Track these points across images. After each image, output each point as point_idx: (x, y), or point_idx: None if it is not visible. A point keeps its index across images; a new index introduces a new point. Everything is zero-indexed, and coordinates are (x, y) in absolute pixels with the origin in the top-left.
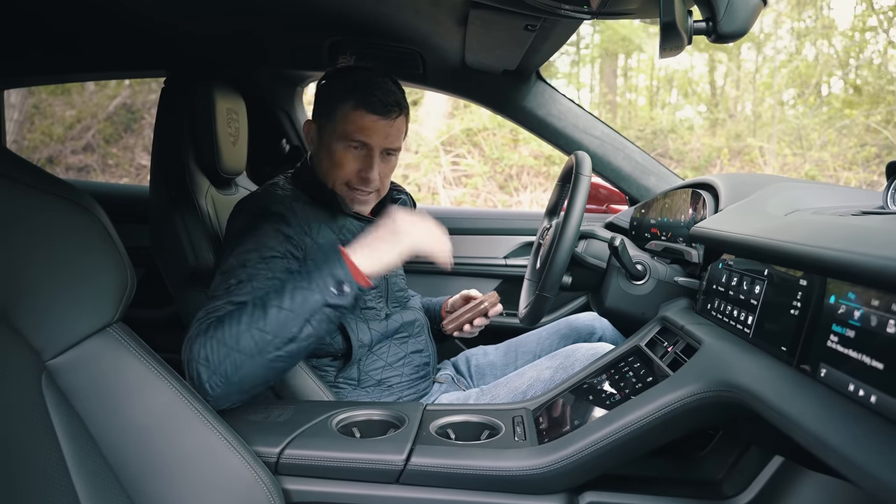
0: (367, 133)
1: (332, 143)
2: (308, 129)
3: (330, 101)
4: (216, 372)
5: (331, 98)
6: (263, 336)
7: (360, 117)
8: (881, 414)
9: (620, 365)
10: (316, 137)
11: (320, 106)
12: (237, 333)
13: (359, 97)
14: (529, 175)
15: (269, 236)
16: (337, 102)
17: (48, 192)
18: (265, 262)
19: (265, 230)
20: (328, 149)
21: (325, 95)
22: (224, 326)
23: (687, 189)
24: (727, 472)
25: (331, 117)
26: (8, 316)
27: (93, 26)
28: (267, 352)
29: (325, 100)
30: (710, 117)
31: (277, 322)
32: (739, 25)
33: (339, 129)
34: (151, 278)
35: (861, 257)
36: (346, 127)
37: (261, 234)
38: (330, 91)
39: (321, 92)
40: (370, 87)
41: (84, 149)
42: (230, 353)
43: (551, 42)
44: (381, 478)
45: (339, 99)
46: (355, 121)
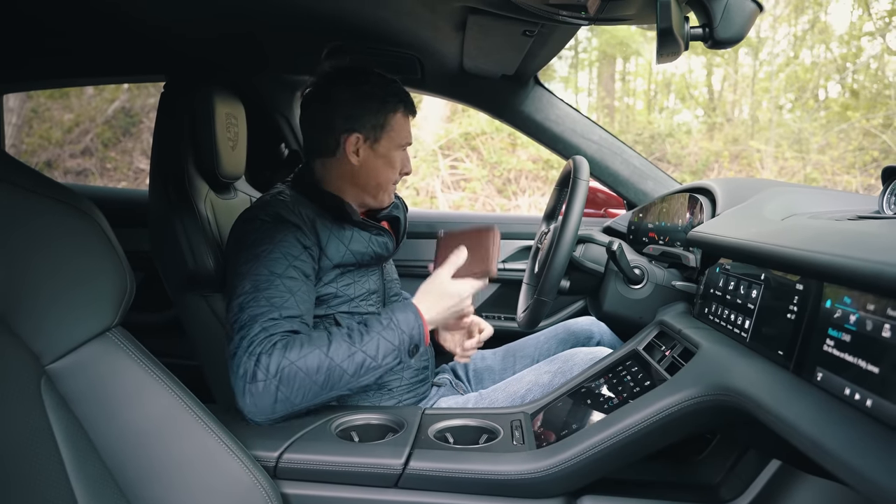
0: (410, 135)
1: (389, 150)
2: (351, 143)
3: (381, 112)
4: (288, 396)
5: (383, 108)
6: (342, 374)
7: (408, 122)
8: (877, 418)
9: (618, 369)
10: (364, 149)
11: (367, 118)
12: (317, 363)
13: (405, 105)
14: (528, 179)
15: (291, 245)
16: (389, 112)
17: (47, 196)
18: (296, 271)
19: (286, 238)
20: (387, 157)
21: (373, 108)
22: (301, 350)
23: (684, 193)
24: (724, 476)
25: (386, 127)
26: (7, 320)
27: (92, 31)
28: (337, 387)
29: (376, 111)
30: (707, 121)
31: (356, 364)
32: (736, 31)
33: (396, 136)
34: (150, 282)
35: (857, 262)
36: (401, 133)
37: (282, 242)
38: (379, 102)
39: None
40: (406, 94)
41: (82, 153)
42: (306, 379)
43: (549, 47)
44: (379, 482)
45: (393, 109)
46: (405, 126)
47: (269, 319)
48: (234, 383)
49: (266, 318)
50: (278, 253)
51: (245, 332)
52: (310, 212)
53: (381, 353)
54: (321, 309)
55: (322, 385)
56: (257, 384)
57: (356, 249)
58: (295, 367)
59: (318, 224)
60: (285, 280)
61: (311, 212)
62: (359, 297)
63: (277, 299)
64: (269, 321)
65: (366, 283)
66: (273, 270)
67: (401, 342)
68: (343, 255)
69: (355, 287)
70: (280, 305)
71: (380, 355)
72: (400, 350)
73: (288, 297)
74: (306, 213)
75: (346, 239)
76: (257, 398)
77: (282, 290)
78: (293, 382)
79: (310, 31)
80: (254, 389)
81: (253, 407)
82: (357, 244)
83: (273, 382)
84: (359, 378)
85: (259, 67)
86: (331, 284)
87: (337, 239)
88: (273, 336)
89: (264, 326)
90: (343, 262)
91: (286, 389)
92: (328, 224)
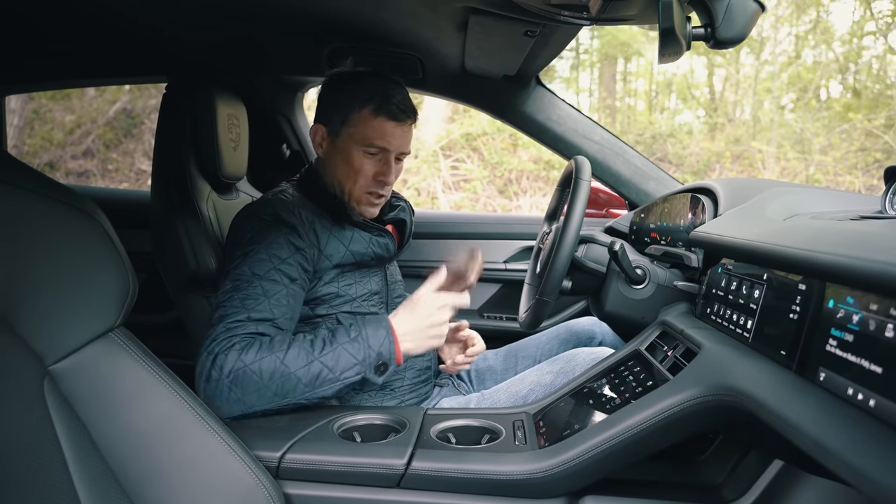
0: (386, 139)
1: (349, 148)
2: (316, 134)
3: (346, 107)
4: (241, 398)
5: (349, 103)
6: (296, 383)
7: (381, 123)
8: (880, 418)
9: (620, 369)
10: (327, 142)
11: (332, 111)
12: (271, 369)
13: (379, 103)
14: (529, 179)
15: (280, 247)
16: (355, 108)
17: (50, 198)
18: (279, 274)
19: (277, 239)
20: (344, 154)
21: (339, 100)
22: (257, 354)
23: (686, 194)
24: (727, 477)
25: (347, 122)
26: (10, 321)
27: (95, 33)
28: (291, 395)
29: (340, 104)
30: (709, 122)
31: (312, 374)
32: (738, 31)
33: (358, 134)
34: (152, 283)
35: (859, 262)
36: (366, 133)
37: (272, 244)
38: (347, 96)
39: (332, 96)
40: (388, 93)
41: (84, 154)
42: (259, 383)
43: (551, 47)
44: (382, 482)
45: (358, 105)
46: (376, 127)
47: (234, 321)
48: (195, 380)
49: (232, 319)
50: (265, 254)
51: (210, 331)
52: (309, 212)
53: (340, 365)
54: (323, 308)
55: (276, 391)
56: (211, 383)
57: (356, 250)
58: (248, 370)
59: (318, 225)
60: (264, 282)
61: (310, 212)
62: (360, 297)
63: (251, 301)
64: (235, 322)
65: (367, 283)
66: (255, 271)
67: (366, 357)
68: (343, 255)
69: (357, 287)
70: (252, 307)
71: (338, 368)
72: (364, 365)
73: (262, 299)
74: (306, 213)
75: (346, 239)
76: (212, 397)
77: (258, 292)
78: (246, 385)
79: (311, 33)
80: (208, 388)
81: (211, 404)
82: (357, 244)
83: (225, 382)
84: (314, 389)
85: (261, 69)
86: (332, 284)
87: (337, 239)
88: (233, 337)
89: (228, 327)
90: (343, 263)
91: (239, 391)
92: (328, 224)
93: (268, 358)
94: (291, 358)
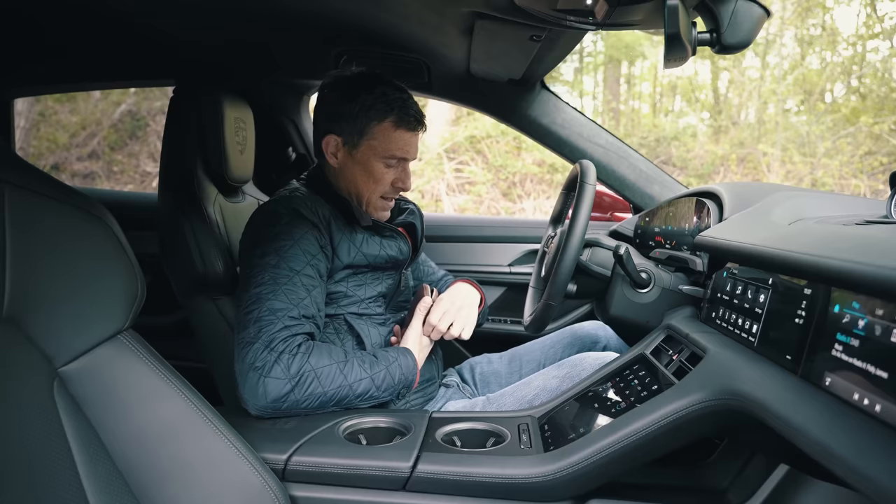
0: (405, 149)
1: (369, 159)
2: (329, 144)
3: (364, 119)
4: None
5: (366, 116)
6: (348, 393)
7: (401, 135)
8: (886, 423)
9: (625, 373)
10: (342, 152)
11: (346, 121)
12: (332, 376)
13: (399, 116)
14: (532, 182)
15: (310, 243)
16: (374, 121)
17: (59, 200)
18: (313, 270)
19: (305, 236)
20: (364, 165)
21: (352, 111)
22: (321, 360)
23: (691, 197)
24: (732, 481)
25: (365, 134)
26: (20, 323)
27: (103, 37)
28: (340, 401)
29: (355, 116)
30: (713, 125)
31: (363, 389)
32: (743, 37)
33: (380, 146)
34: (158, 285)
35: (865, 267)
36: (387, 145)
37: (301, 239)
38: (361, 108)
39: (342, 105)
40: (405, 104)
41: (89, 156)
42: (319, 388)
43: (556, 52)
44: (387, 485)
45: (378, 117)
46: (397, 139)
47: (290, 317)
48: (245, 372)
49: (287, 316)
50: (298, 250)
51: (264, 326)
52: (326, 211)
53: (384, 385)
54: (331, 308)
55: (330, 397)
56: (274, 380)
57: (368, 252)
58: (314, 373)
59: (333, 224)
60: (303, 278)
61: (326, 212)
62: (368, 298)
63: (295, 296)
64: (291, 319)
65: (378, 285)
66: (293, 267)
67: (399, 381)
68: (354, 257)
69: (366, 289)
70: (298, 303)
71: (382, 387)
72: (396, 388)
73: (305, 295)
74: (322, 212)
75: (358, 242)
76: (270, 393)
77: (299, 288)
78: (307, 388)
79: (320, 36)
80: (269, 383)
81: (263, 400)
82: (369, 247)
83: (290, 383)
84: (360, 401)
85: (269, 72)
86: (341, 283)
87: (349, 240)
88: (296, 336)
89: (286, 325)
90: (354, 264)
91: (298, 392)
92: (341, 225)
93: (331, 365)
94: (349, 369)
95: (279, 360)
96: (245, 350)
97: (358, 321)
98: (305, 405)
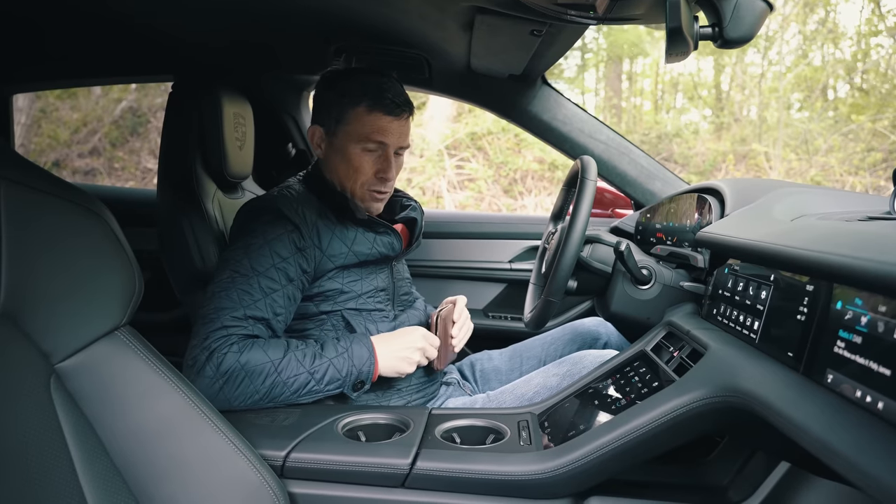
0: (384, 134)
1: (347, 146)
2: (313, 135)
3: (340, 105)
4: (228, 396)
5: (341, 101)
6: (283, 389)
7: (377, 119)
8: (888, 420)
9: (626, 370)
10: (325, 142)
11: (327, 110)
12: (264, 373)
13: (373, 99)
14: (533, 179)
15: (283, 245)
16: (349, 105)
17: (57, 196)
18: (278, 273)
19: (280, 237)
20: (343, 152)
21: (332, 99)
22: (253, 357)
23: (693, 194)
24: (733, 478)
25: (343, 120)
26: (17, 319)
27: (102, 33)
28: (274, 399)
29: (334, 103)
30: (715, 121)
31: (300, 383)
32: (745, 31)
33: (354, 131)
34: (157, 282)
35: (868, 263)
36: (361, 129)
37: (274, 241)
38: (339, 94)
39: (326, 96)
40: (382, 88)
41: (90, 152)
42: (250, 385)
43: (557, 47)
44: (386, 482)
45: (352, 102)
46: (372, 123)
47: (231, 317)
48: (183, 369)
49: (229, 315)
50: (267, 250)
51: (206, 323)
52: (313, 211)
53: (326, 378)
54: (328, 305)
55: (263, 394)
56: (203, 379)
57: (359, 250)
58: (243, 371)
59: (321, 224)
60: (262, 279)
61: (314, 211)
62: (366, 293)
63: (248, 297)
64: (232, 319)
65: (373, 280)
66: (255, 266)
67: (348, 373)
68: (346, 256)
69: (362, 284)
70: (249, 304)
71: (324, 380)
72: (345, 381)
73: (260, 297)
74: (309, 212)
75: (349, 239)
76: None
77: (255, 289)
78: (238, 385)
79: (320, 32)
80: (198, 381)
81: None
82: (360, 245)
83: (219, 382)
84: (299, 396)
85: (268, 68)
86: (335, 280)
87: (339, 239)
88: (231, 336)
89: (225, 324)
90: (346, 264)
91: (228, 390)
92: (331, 224)
93: (263, 363)
94: (284, 365)
95: (210, 359)
96: (188, 346)
97: (356, 318)
98: (238, 403)
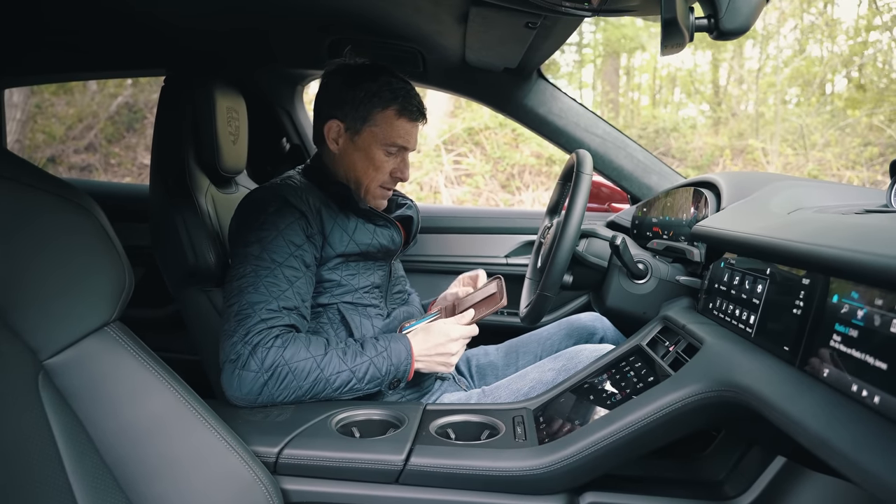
0: (407, 139)
1: (371, 146)
2: (331, 129)
3: (368, 105)
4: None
5: (369, 102)
6: (325, 385)
7: (403, 124)
8: (884, 415)
9: (621, 364)
10: (344, 138)
11: (352, 108)
12: (308, 369)
13: (402, 105)
14: (531, 174)
15: (295, 233)
16: (378, 107)
17: (45, 191)
18: (297, 261)
19: (290, 225)
20: (366, 151)
21: (359, 98)
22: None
23: (689, 188)
24: (729, 473)
25: (370, 121)
26: (4, 315)
27: (95, 24)
28: (317, 394)
29: (361, 102)
30: (712, 116)
31: (342, 381)
32: (741, 22)
33: (381, 133)
34: (150, 277)
35: (864, 256)
36: (389, 132)
37: (286, 230)
38: (366, 95)
39: (346, 92)
40: (408, 95)
41: (86, 148)
42: (294, 382)
43: (552, 40)
44: (380, 478)
45: (382, 105)
46: (399, 127)
47: (268, 310)
48: (224, 365)
49: (265, 309)
50: (282, 240)
51: (243, 318)
52: (316, 200)
53: (367, 377)
54: (325, 297)
55: (306, 390)
56: (249, 373)
57: (360, 240)
58: (288, 367)
59: (324, 212)
60: (285, 269)
61: (317, 200)
62: (362, 288)
63: (276, 288)
64: (269, 312)
65: (370, 275)
66: (274, 258)
67: (387, 372)
68: (347, 244)
69: (359, 278)
70: (279, 295)
71: (365, 379)
72: (384, 379)
73: (287, 287)
74: (313, 200)
75: (350, 229)
76: (244, 385)
77: (281, 280)
78: (282, 381)
79: (314, 24)
80: (244, 376)
81: (238, 392)
82: (361, 235)
83: (264, 376)
84: (340, 393)
85: (263, 61)
86: (334, 271)
87: (341, 228)
88: (272, 329)
89: (263, 318)
90: (346, 252)
91: (273, 385)
92: (333, 213)
93: (308, 359)
94: (327, 362)
95: (254, 353)
96: (225, 342)
97: (351, 312)
98: (282, 398)
